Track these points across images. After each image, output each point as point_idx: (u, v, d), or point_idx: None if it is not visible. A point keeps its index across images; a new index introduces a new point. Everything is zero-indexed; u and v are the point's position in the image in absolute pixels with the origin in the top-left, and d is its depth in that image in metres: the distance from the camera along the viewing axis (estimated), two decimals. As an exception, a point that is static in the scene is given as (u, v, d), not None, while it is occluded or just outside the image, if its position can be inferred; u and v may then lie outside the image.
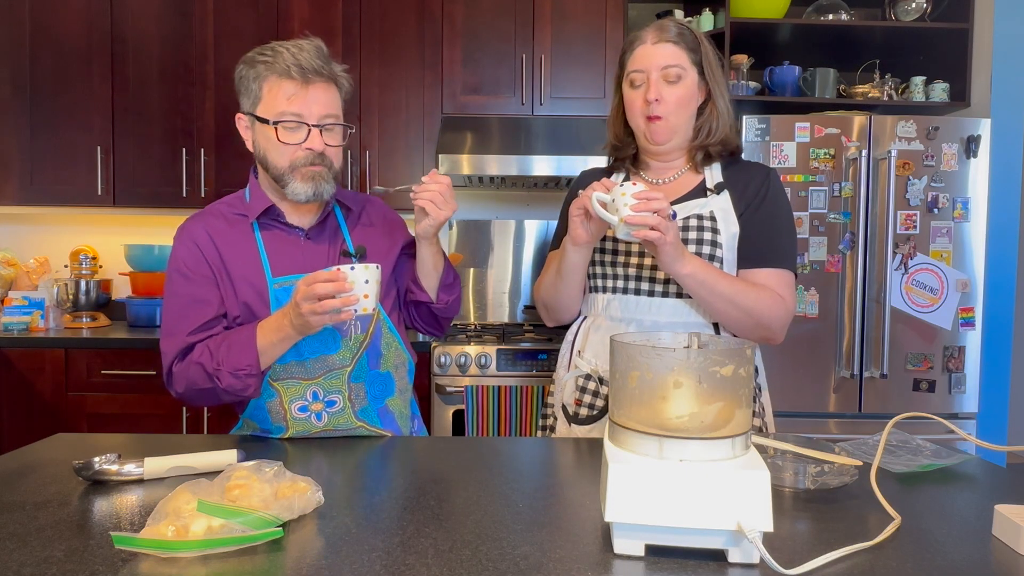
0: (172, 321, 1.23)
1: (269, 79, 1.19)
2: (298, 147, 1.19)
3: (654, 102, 1.26)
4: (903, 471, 1.04)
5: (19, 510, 0.87)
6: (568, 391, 1.38)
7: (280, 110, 1.18)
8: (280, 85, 1.18)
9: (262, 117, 1.19)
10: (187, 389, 1.21)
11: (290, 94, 1.18)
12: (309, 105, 1.19)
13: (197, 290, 1.24)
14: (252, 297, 1.24)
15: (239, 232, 1.27)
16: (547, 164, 2.63)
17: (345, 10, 2.79)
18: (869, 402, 2.51)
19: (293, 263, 1.27)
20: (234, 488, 0.82)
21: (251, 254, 1.26)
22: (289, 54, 1.17)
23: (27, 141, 2.79)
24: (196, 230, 1.27)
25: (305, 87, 1.18)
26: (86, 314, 2.85)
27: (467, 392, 2.38)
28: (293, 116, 1.18)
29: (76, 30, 2.78)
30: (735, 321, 1.25)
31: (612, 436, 0.80)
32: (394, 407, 1.34)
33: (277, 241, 1.28)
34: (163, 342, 1.23)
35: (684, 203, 1.31)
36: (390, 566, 0.72)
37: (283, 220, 1.28)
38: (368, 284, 1.08)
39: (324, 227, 1.32)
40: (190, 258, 1.25)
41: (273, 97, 1.18)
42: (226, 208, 1.31)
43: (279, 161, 1.20)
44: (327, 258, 1.30)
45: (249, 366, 1.16)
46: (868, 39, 2.85)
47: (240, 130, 1.27)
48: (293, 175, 1.21)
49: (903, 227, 2.49)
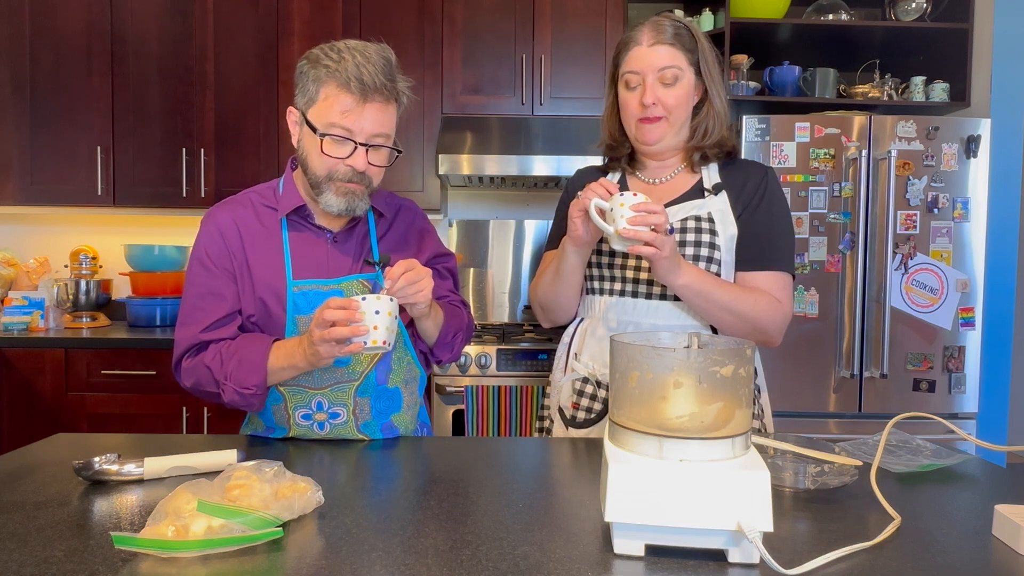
0: (188, 311, 1.22)
1: (328, 86, 1.13)
2: (340, 161, 1.15)
3: (651, 105, 1.25)
4: (903, 471, 1.04)
5: (19, 510, 0.87)
6: (565, 394, 1.37)
7: (331, 121, 1.12)
8: (337, 96, 1.12)
9: (312, 123, 1.15)
10: (194, 387, 1.22)
11: (345, 109, 1.12)
12: (362, 123, 1.13)
13: (215, 282, 1.22)
14: (269, 296, 1.22)
15: (266, 226, 1.25)
16: (547, 164, 2.63)
17: (345, 10, 2.79)
18: (869, 402, 2.51)
19: (316, 267, 1.24)
20: (234, 488, 0.82)
21: (275, 251, 1.23)
22: (354, 63, 1.11)
23: (27, 141, 2.79)
24: (224, 219, 1.24)
25: (362, 104, 1.12)
26: (86, 314, 2.85)
27: (467, 392, 2.38)
28: (343, 131, 1.13)
29: (76, 30, 2.78)
30: (731, 327, 1.24)
31: (612, 436, 0.80)
32: (400, 423, 1.30)
33: (303, 241, 1.25)
34: (177, 330, 1.22)
35: (681, 204, 1.30)
36: (390, 566, 0.72)
37: (312, 221, 1.25)
38: (379, 316, 1.04)
39: (353, 232, 1.28)
40: (212, 248, 1.23)
41: (328, 106, 1.13)
42: (257, 198, 1.28)
43: (318, 170, 1.16)
44: (352, 264, 1.26)
45: (255, 386, 1.16)
46: (868, 39, 2.85)
47: (288, 122, 1.22)
48: (329, 186, 1.17)
49: (903, 227, 2.49)
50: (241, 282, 1.23)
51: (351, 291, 1.23)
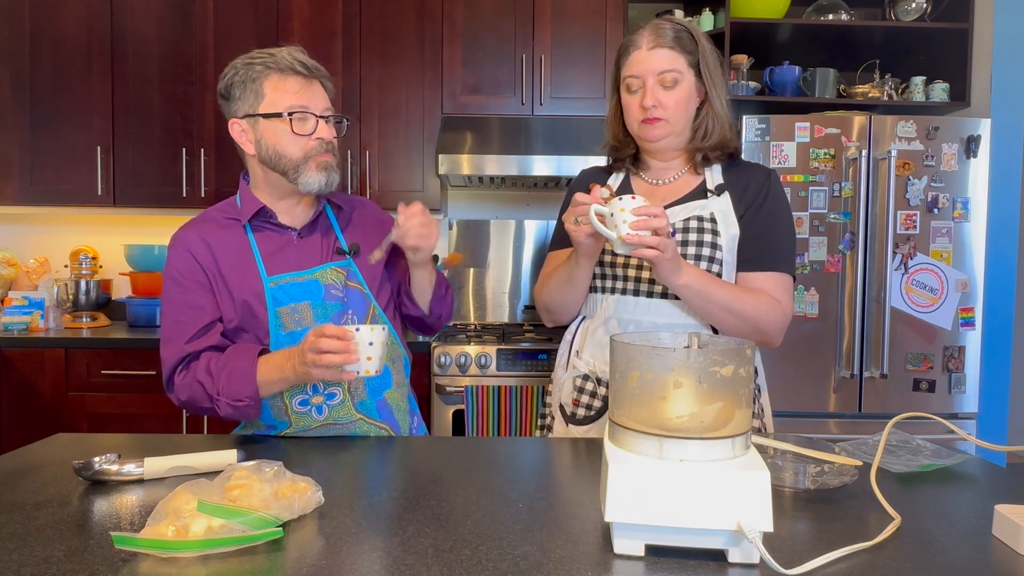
0: (169, 328, 1.25)
1: (271, 77, 1.22)
2: (309, 138, 1.23)
3: (652, 107, 1.26)
4: (903, 471, 1.04)
5: (19, 510, 0.87)
6: (566, 391, 1.38)
7: (290, 103, 1.21)
8: (285, 81, 1.22)
9: (272, 112, 1.22)
10: (189, 402, 1.23)
11: (297, 88, 1.22)
12: (314, 99, 1.24)
13: (191, 296, 1.25)
14: (249, 296, 1.25)
15: (232, 236, 1.29)
16: (547, 164, 2.63)
17: (345, 10, 2.79)
18: (869, 402, 2.51)
19: (287, 262, 1.29)
20: (234, 488, 0.82)
21: (245, 256, 1.28)
22: (287, 53, 1.22)
23: (27, 141, 2.79)
24: (190, 237, 1.28)
25: (309, 82, 1.24)
26: (86, 314, 2.85)
27: (467, 392, 2.38)
28: (302, 108, 1.22)
29: (76, 30, 2.78)
30: (731, 327, 1.25)
31: (612, 436, 0.80)
32: (392, 400, 1.35)
33: (270, 242, 1.30)
34: (163, 350, 1.25)
35: (684, 204, 1.31)
36: (390, 566, 0.72)
37: (275, 221, 1.30)
38: (372, 347, 1.09)
39: (316, 226, 1.33)
40: (183, 264, 1.26)
41: (281, 93, 1.22)
42: (218, 214, 1.33)
43: (294, 152, 1.23)
44: (320, 255, 1.31)
45: (249, 398, 1.18)
46: (868, 39, 2.85)
47: (235, 136, 1.27)
48: (307, 164, 1.23)
49: (903, 227, 2.49)
50: (218, 292, 1.26)
51: (326, 278, 1.29)
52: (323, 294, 1.28)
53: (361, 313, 1.31)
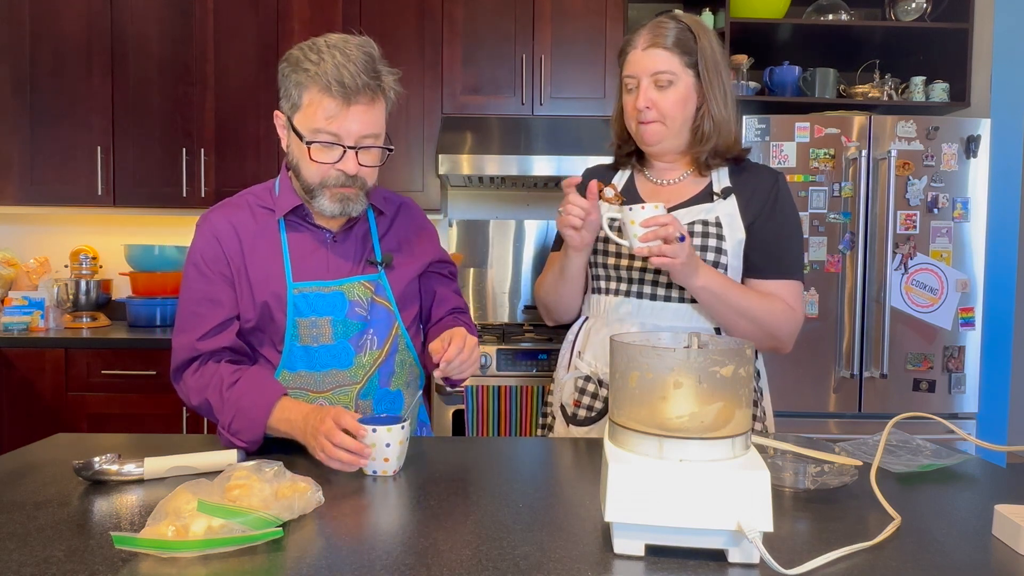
0: (185, 318, 1.21)
1: (310, 91, 1.10)
2: (331, 166, 1.13)
3: (645, 109, 1.25)
4: (903, 471, 1.04)
5: (19, 510, 0.87)
6: (567, 392, 1.37)
7: (317, 127, 1.10)
8: (320, 102, 1.09)
9: (298, 130, 1.13)
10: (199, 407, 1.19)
11: (330, 114, 1.09)
12: (348, 126, 1.10)
13: (211, 288, 1.20)
14: (271, 299, 1.20)
15: (264, 228, 1.23)
16: (547, 164, 2.63)
17: (345, 10, 2.79)
18: (869, 402, 2.51)
19: (316, 267, 1.22)
20: (234, 488, 0.82)
21: (274, 254, 1.22)
22: (334, 64, 1.07)
23: (27, 141, 2.78)
24: (220, 223, 1.22)
25: (346, 107, 1.09)
26: (86, 314, 2.85)
27: (467, 392, 2.38)
28: (330, 136, 1.11)
29: (76, 29, 2.77)
30: (744, 331, 1.24)
31: (612, 436, 0.80)
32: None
33: (302, 242, 1.23)
34: (175, 338, 1.21)
35: (689, 208, 1.30)
36: (390, 566, 0.72)
37: (311, 220, 1.23)
38: (390, 448, 1.01)
39: (352, 232, 1.26)
40: (209, 253, 1.20)
41: (312, 112, 1.10)
42: (253, 200, 1.26)
43: (310, 177, 1.15)
44: (352, 264, 1.25)
45: (253, 441, 1.13)
46: (868, 39, 2.85)
47: (276, 126, 1.20)
48: (323, 192, 1.15)
49: (903, 227, 2.49)
50: (239, 288, 1.21)
51: (353, 294, 1.23)
52: (347, 310, 1.22)
53: (383, 334, 1.25)
